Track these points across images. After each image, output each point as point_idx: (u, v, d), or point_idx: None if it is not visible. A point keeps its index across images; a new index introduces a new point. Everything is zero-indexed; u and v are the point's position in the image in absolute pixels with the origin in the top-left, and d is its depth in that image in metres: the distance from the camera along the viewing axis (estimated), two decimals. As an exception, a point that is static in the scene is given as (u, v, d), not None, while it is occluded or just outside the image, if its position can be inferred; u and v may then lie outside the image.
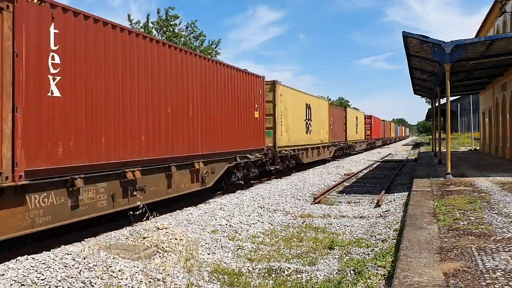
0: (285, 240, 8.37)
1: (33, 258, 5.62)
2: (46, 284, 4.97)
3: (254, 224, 9.69)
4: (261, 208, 11.43)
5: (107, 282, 5.24)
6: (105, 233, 8.60)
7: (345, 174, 21.03)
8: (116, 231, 8.65)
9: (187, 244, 7.30)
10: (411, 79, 23.57)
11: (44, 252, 6.19)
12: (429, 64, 17.73)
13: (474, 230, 6.77)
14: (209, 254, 7.30)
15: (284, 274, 6.25)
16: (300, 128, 21.94)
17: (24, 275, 5.08)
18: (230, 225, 9.33)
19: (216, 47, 35.02)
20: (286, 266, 6.47)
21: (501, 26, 23.25)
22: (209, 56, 10.59)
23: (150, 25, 32.31)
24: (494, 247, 5.76)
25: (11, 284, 4.88)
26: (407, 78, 31.65)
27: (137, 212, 7.84)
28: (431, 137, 39.74)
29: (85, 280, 5.17)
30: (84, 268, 5.41)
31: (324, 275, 6.19)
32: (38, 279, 5.03)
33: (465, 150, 35.22)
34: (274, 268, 6.41)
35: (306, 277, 6.11)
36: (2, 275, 5.04)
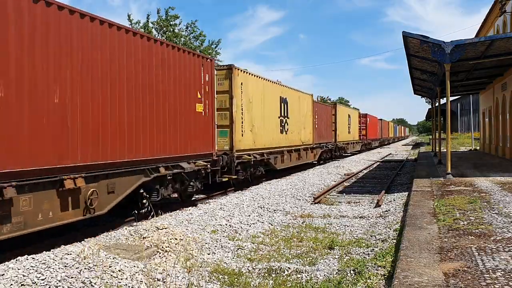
0: (285, 240, 8.36)
1: (33, 258, 5.62)
2: (46, 284, 4.97)
3: (254, 224, 9.69)
4: (261, 208, 11.43)
5: (107, 282, 5.24)
6: (105, 233, 8.60)
7: (345, 174, 21.03)
8: (116, 231, 8.64)
9: (187, 244, 7.31)
10: (411, 79, 23.57)
11: (44, 252, 6.19)
12: (429, 64, 17.73)
13: (474, 230, 6.77)
14: (209, 254, 7.30)
15: (284, 274, 6.25)
16: (272, 127, 18.10)
17: (24, 275, 5.07)
18: (230, 225, 9.33)
19: (216, 47, 35.09)
20: (286, 266, 6.47)
21: (501, 26, 23.25)
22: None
23: (150, 25, 32.36)
24: (494, 247, 5.76)
25: (11, 284, 4.88)
26: (407, 78, 31.50)
27: (142, 211, 7.81)
28: (431, 137, 39.73)
29: (85, 280, 5.17)
30: (84, 268, 5.41)
31: (324, 275, 6.19)
32: (38, 279, 5.03)
33: (465, 150, 35.22)
34: (274, 268, 6.41)
35: (306, 277, 6.11)
36: (2, 275, 5.04)
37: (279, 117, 18.98)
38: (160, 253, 6.90)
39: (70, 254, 5.75)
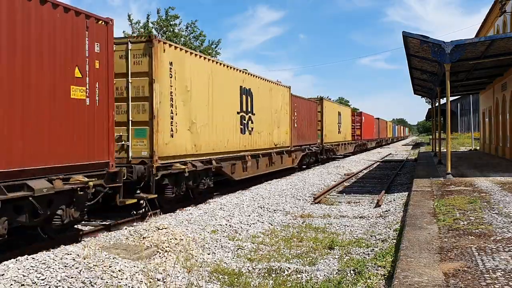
0: (285, 240, 8.37)
1: (33, 258, 5.62)
2: (46, 284, 4.97)
3: (254, 224, 9.70)
4: (261, 208, 11.43)
5: (107, 282, 5.24)
6: (105, 233, 8.60)
7: (345, 174, 21.04)
8: (116, 231, 8.65)
9: (187, 244, 7.31)
10: (411, 79, 23.57)
11: (44, 252, 6.19)
12: (429, 64, 17.73)
13: (474, 230, 6.77)
14: (209, 254, 7.30)
15: (284, 274, 6.25)
16: (228, 126, 13.96)
17: (24, 275, 5.07)
18: (230, 225, 9.34)
19: (216, 47, 35.08)
20: (286, 266, 6.47)
21: (501, 26, 23.25)
22: None
23: (150, 25, 32.35)
24: (494, 247, 5.76)
25: (11, 284, 4.88)
26: (407, 78, 31.31)
27: (140, 211, 7.82)
28: (431, 137, 39.72)
29: (85, 280, 5.17)
30: (84, 268, 5.41)
31: (324, 275, 6.19)
32: (38, 279, 5.03)
33: (465, 150, 35.22)
34: (274, 268, 6.42)
35: (306, 277, 6.11)
36: (2, 275, 5.04)
37: (239, 113, 14.95)
38: (160, 253, 6.90)
39: (70, 254, 5.75)
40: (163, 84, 10.59)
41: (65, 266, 5.40)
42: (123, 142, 10.25)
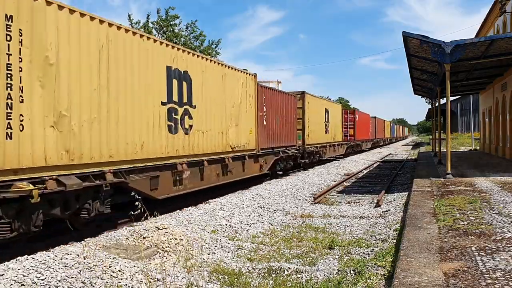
0: (285, 240, 8.37)
1: (33, 258, 5.62)
2: (46, 284, 4.97)
3: (254, 224, 9.70)
4: (261, 208, 11.43)
5: (107, 282, 5.24)
6: (105, 233, 8.60)
7: (345, 174, 21.04)
8: (116, 231, 8.65)
9: (187, 244, 7.31)
10: (411, 79, 23.57)
11: (44, 252, 6.19)
12: (429, 64, 17.74)
13: (474, 230, 6.77)
14: (209, 254, 7.30)
15: (284, 274, 6.25)
16: (143, 121, 9.97)
17: (24, 275, 5.07)
18: (230, 225, 9.34)
19: (216, 47, 35.12)
20: (286, 266, 6.47)
21: (501, 26, 23.25)
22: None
23: (150, 25, 32.37)
24: (494, 247, 5.76)
25: (11, 284, 4.88)
26: (407, 78, 31.12)
27: (136, 212, 7.75)
28: (431, 137, 39.71)
29: (85, 280, 5.17)
30: (84, 268, 5.41)
31: (324, 275, 6.19)
32: (38, 279, 5.03)
33: (465, 150, 35.23)
34: (274, 268, 6.42)
35: (306, 277, 6.11)
36: (2, 275, 5.04)
37: (166, 105, 10.82)
38: (160, 253, 6.91)
39: (70, 254, 5.75)
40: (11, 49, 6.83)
41: (65, 266, 5.40)
42: None
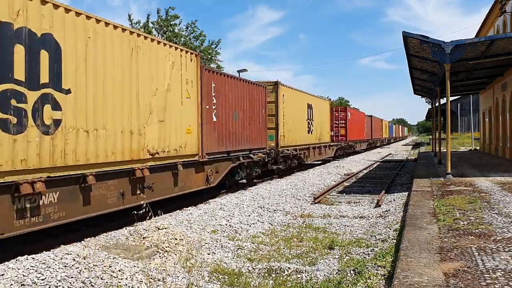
0: (285, 240, 8.36)
1: (33, 258, 5.62)
2: (46, 284, 4.96)
3: (254, 224, 9.69)
4: (261, 208, 11.43)
5: (107, 282, 5.24)
6: (105, 233, 8.60)
7: (345, 174, 21.03)
8: (116, 231, 8.65)
9: (187, 244, 7.31)
10: (411, 79, 23.57)
11: (44, 252, 6.18)
12: (429, 64, 17.73)
13: (474, 230, 6.77)
14: (209, 254, 7.30)
15: (284, 274, 6.25)
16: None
17: (24, 275, 5.07)
18: (230, 225, 9.34)
19: (216, 47, 35.11)
20: (286, 266, 6.47)
21: (501, 26, 23.25)
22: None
23: (150, 25, 32.36)
24: (494, 247, 5.76)
25: (11, 284, 4.88)
26: (407, 78, 30.92)
27: (141, 212, 7.77)
28: (431, 137, 39.69)
29: (85, 280, 5.16)
30: (84, 268, 5.41)
31: (324, 275, 6.19)
32: (38, 279, 5.03)
33: (465, 150, 35.22)
34: (274, 268, 6.41)
35: (306, 277, 6.11)
36: (2, 275, 5.04)
37: (8, 92, 6.54)
38: (160, 253, 6.90)
39: (70, 254, 5.75)
40: None
41: (65, 266, 5.40)
42: None
